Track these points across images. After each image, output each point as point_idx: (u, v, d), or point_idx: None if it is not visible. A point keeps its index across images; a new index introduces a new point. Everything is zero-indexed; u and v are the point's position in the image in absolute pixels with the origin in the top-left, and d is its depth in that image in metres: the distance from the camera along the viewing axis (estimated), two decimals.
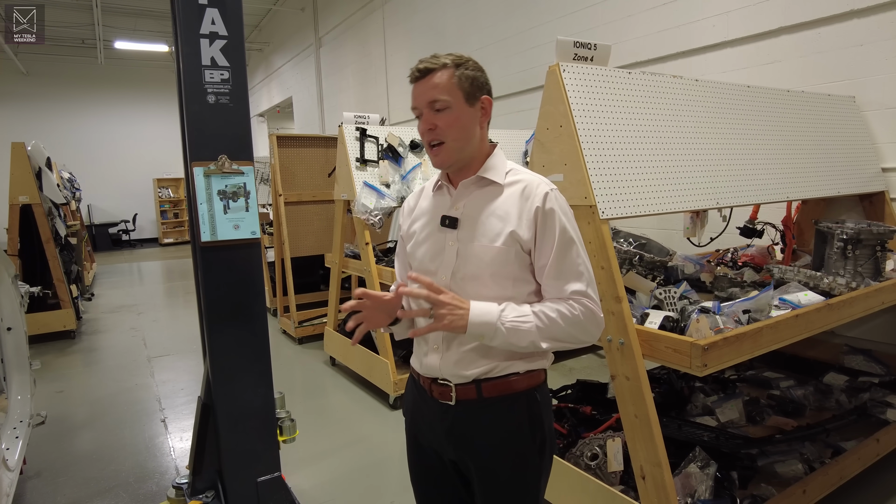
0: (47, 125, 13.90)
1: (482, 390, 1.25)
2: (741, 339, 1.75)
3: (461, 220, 1.28)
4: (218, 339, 2.05)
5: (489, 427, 1.26)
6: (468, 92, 1.24)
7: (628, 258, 2.51)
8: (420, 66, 1.23)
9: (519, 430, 1.27)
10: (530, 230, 1.23)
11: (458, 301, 1.19)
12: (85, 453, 3.20)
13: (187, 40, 1.94)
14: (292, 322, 5.22)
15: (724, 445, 2.26)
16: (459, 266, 1.26)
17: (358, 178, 3.70)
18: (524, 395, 1.27)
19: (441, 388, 1.28)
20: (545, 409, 1.31)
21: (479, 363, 1.24)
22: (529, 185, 1.26)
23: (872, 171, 2.97)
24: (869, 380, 2.88)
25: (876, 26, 2.97)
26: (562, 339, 1.21)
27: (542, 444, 1.29)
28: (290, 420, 2.34)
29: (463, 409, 1.27)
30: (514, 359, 1.25)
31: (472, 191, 1.30)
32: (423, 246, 1.33)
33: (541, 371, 1.31)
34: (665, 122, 2.17)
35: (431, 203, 1.36)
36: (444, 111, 1.22)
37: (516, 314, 1.19)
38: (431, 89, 1.22)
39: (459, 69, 1.23)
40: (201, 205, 1.98)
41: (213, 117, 1.98)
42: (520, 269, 1.24)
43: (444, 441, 1.31)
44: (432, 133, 1.24)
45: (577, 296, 1.21)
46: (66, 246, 6.11)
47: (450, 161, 1.27)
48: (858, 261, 2.48)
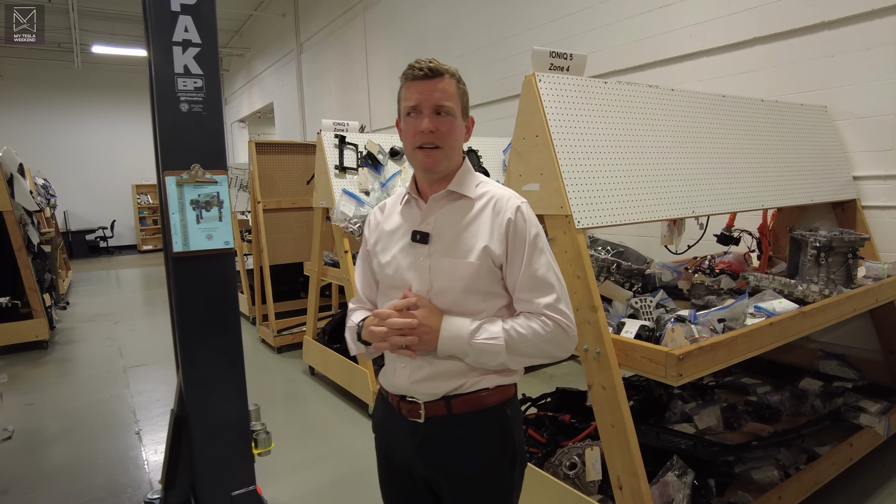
0: (22, 130, 13.62)
1: (452, 406, 1.23)
2: (716, 347, 1.76)
3: (432, 235, 1.26)
4: (191, 351, 2.01)
5: (459, 443, 1.25)
6: (464, 107, 1.27)
7: (606, 266, 2.52)
8: (430, 66, 1.21)
9: (489, 445, 1.26)
10: (502, 244, 1.22)
11: (428, 321, 1.18)
12: (56, 468, 3.12)
13: (160, 48, 1.91)
14: (271, 331, 5.16)
15: (701, 453, 2.27)
16: (432, 281, 1.24)
17: (337, 186, 3.67)
18: (494, 409, 1.26)
19: (410, 405, 1.27)
20: (515, 423, 1.30)
21: (448, 380, 1.23)
22: (500, 199, 1.25)
23: (844, 180, 3.03)
24: (843, 385, 2.92)
25: (846, 37, 3.03)
26: (533, 356, 1.21)
27: (512, 458, 1.28)
28: (266, 432, 2.30)
29: (433, 426, 1.25)
30: (484, 374, 1.24)
31: (443, 205, 1.28)
32: (393, 263, 1.31)
33: (511, 385, 1.30)
34: (641, 131, 2.19)
35: (400, 218, 1.34)
36: (447, 118, 1.22)
37: (487, 335, 1.18)
38: (441, 93, 1.21)
39: (461, 84, 1.26)
40: (173, 214, 1.95)
41: (186, 126, 1.94)
42: (490, 284, 1.23)
43: (415, 459, 1.29)
44: (433, 136, 1.22)
45: (550, 311, 1.20)
46: (40, 254, 5.97)
47: (439, 167, 1.25)
48: (831, 268, 2.52)
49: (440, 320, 1.20)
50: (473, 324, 1.19)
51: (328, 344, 4.16)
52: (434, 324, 1.19)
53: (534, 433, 2.53)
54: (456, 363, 1.22)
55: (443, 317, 1.21)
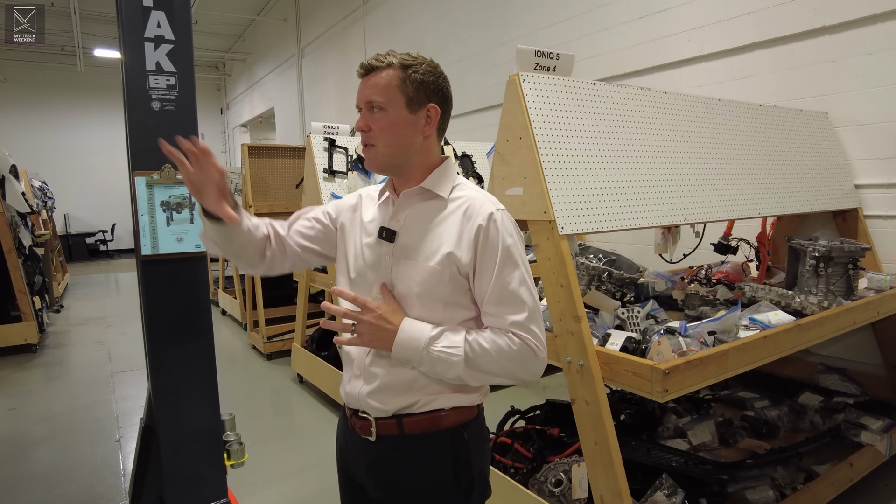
0: (25, 133, 13.66)
1: (404, 426, 1.15)
2: (705, 362, 1.67)
3: (399, 234, 1.18)
4: (160, 358, 1.94)
5: (410, 467, 1.16)
6: (411, 97, 1.13)
7: (597, 275, 2.43)
8: (365, 63, 1.14)
9: (441, 471, 1.17)
10: (470, 252, 1.12)
11: (385, 319, 1.09)
12: (31, 475, 3.03)
13: (130, 44, 1.84)
14: (261, 337, 5.08)
15: (693, 471, 2.17)
16: (393, 282, 1.17)
17: (326, 190, 3.60)
18: (449, 433, 1.17)
19: (362, 421, 1.19)
20: (475, 448, 1.21)
21: (401, 396, 1.15)
22: (473, 203, 1.16)
23: (845, 188, 2.94)
24: (843, 400, 2.82)
25: (847, 42, 2.95)
26: (495, 374, 1.12)
27: (468, 487, 1.19)
28: (239, 443, 2.21)
29: (384, 445, 1.17)
30: (440, 393, 1.15)
31: (415, 202, 1.20)
32: (360, 258, 1.23)
33: (471, 408, 1.21)
34: (632, 134, 2.10)
35: (376, 211, 1.26)
36: (379, 113, 1.13)
37: (446, 343, 1.09)
38: (370, 88, 1.13)
39: (407, 71, 1.13)
40: (142, 216, 1.88)
41: (157, 125, 1.87)
42: (453, 293, 1.14)
43: (366, 477, 1.21)
44: (366, 135, 1.16)
45: (518, 329, 1.10)
46: (31, 256, 5.92)
47: (378, 166, 1.18)
48: (831, 279, 2.43)
49: (401, 319, 1.11)
50: (434, 330, 1.10)
51: (316, 352, 4.07)
52: (394, 320, 1.10)
53: (520, 447, 2.44)
54: (410, 375, 1.14)
55: (404, 318, 1.12)
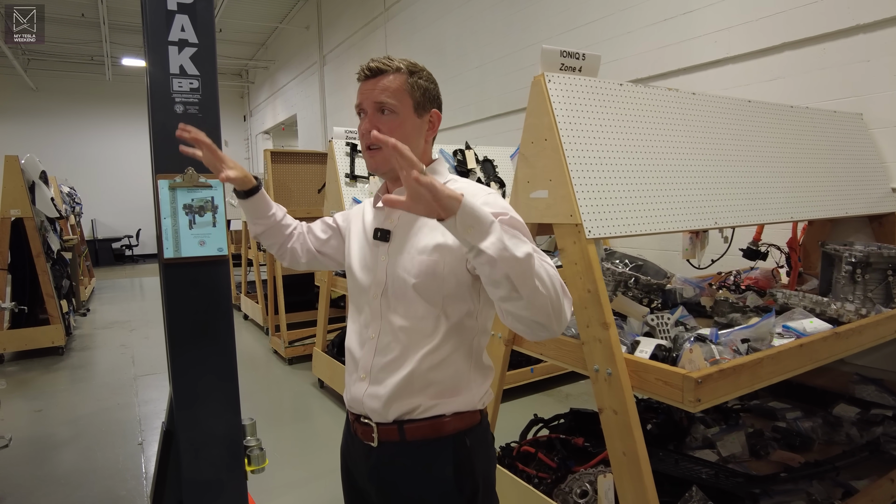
0: (55, 140, 14.02)
1: (405, 433, 1.13)
2: (738, 371, 1.60)
3: (393, 233, 1.18)
4: (181, 361, 1.92)
5: (412, 474, 1.14)
6: (418, 102, 1.16)
7: (623, 280, 2.37)
8: (371, 65, 1.15)
9: (442, 479, 1.13)
10: None
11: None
12: (55, 477, 3.06)
13: (155, 48, 1.84)
14: (282, 342, 5.09)
15: (723, 484, 2.09)
16: (389, 283, 1.15)
17: (347, 195, 3.60)
18: (451, 439, 1.14)
19: (363, 427, 1.18)
20: (478, 454, 1.17)
21: (402, 401, 1.12)
22: (466, 192, 1.10)
23: (882, 192, 2.83)
24: (882, 412, 2.71)
25: (883, 41, 2.86)
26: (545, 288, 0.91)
27: (472, 495, 1.15)
28: (260, 448, 2.19)
29: (385, 452, 1.15)
30: (441, 398, 1.13)
31: None
32: (362, 261, 1.23)
33: (473, 413, 1.18)
34: (660, 136, 2.05)
35: (372, 218, 1.27)
36: (390, 116, 1.13)
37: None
38: (381, 90, 1.14)
39: (413, 77, 1.16)
40: (165, 219, 1.87)
41: None
42: (457, 287, 1.11)
43: (367, 483, 1.20)
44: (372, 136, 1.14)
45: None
46: (59, 260, 6.03)
47: (385, 168, 1.17)
48: (868, 286, 2.33)
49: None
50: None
51: (336, 357, 4.06)
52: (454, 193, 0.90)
53: (544, 457, 2.38)
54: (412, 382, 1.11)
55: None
